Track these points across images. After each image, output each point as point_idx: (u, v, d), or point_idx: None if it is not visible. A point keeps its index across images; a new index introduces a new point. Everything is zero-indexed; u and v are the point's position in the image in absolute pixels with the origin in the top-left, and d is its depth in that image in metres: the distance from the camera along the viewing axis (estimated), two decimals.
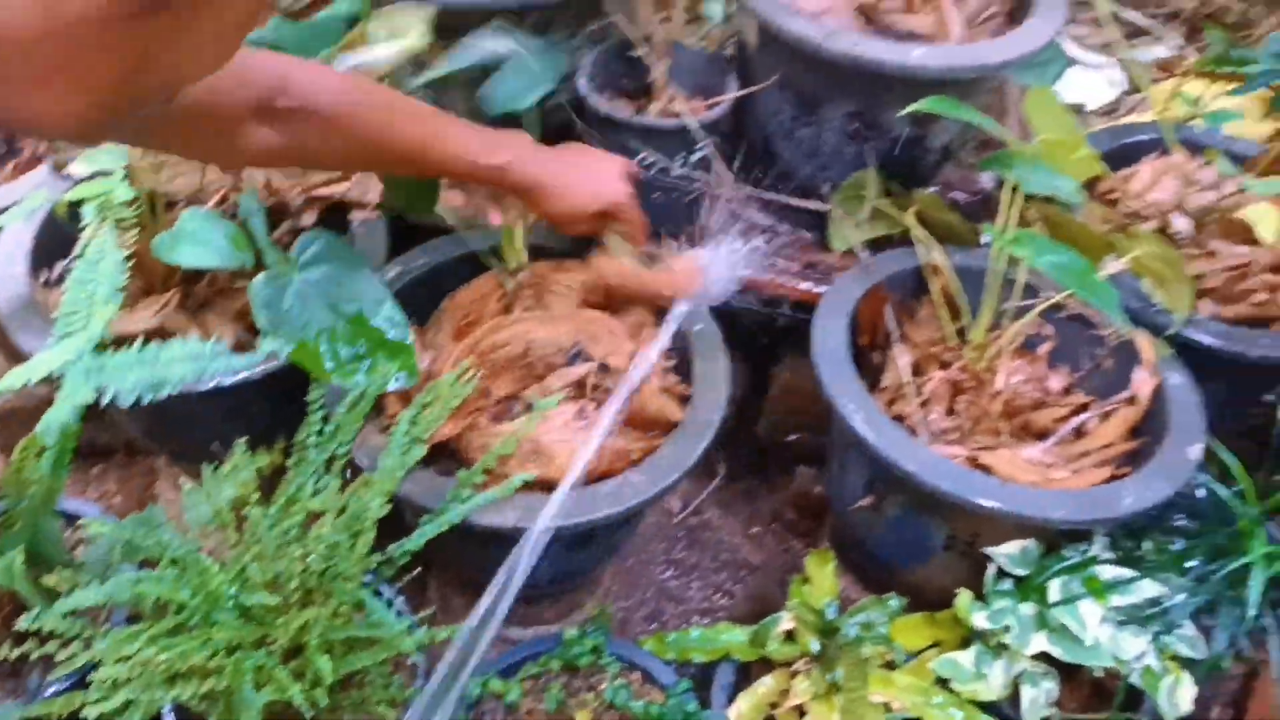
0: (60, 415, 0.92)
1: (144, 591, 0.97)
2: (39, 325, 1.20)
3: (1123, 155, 1.51)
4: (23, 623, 0.98)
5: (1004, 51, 1.25)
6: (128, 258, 1.15)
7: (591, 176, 1.21)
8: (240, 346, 1.21)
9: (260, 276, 1.06)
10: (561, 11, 1.34)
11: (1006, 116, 1.72)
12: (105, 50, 0.50)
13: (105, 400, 0.92)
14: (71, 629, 1.00)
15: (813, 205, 1.36)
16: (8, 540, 1.04)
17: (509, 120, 1.20)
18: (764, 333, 1.68)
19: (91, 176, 1.20)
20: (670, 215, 1.42)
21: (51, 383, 0.98)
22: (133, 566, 1.09)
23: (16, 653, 0.99)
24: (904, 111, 1.19)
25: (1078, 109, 2.17)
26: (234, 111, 0.94)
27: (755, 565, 1.61)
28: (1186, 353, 1.27)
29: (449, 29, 1.33)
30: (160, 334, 1.23)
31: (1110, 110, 2.26)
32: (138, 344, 0.94)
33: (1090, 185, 1.47)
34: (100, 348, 1.02)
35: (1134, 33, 2.95)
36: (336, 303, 1.07)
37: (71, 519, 1.24)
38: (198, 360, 0.93)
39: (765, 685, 1.18)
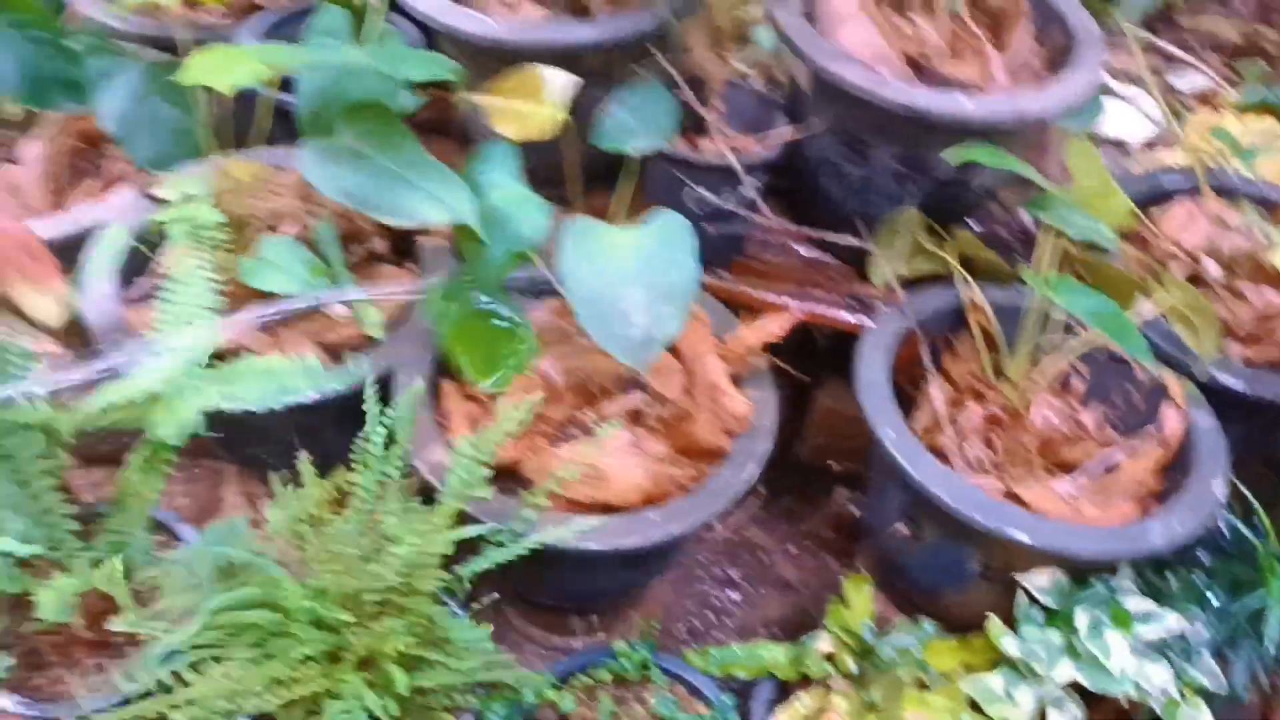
0: (180, 421, 1.00)
1: (226, 621, 1.04)
2: (122, 340, 1.28)
3: (1157, 196, 1.56)
4: (120, 624, 1.06)
5: (1045, 102, 1.31)
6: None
7: None
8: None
9: None
10: (619, 53, 1.41)
11: (1047, 155, 1.77)
12: None
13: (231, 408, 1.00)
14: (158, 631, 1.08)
15: (854, 242, 1.42)
16: (110, 546, 1.12)
17: (615, 159, 1.26)
18: (807, 357, 1.75)
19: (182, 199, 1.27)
20: (722, 247, 1.49)
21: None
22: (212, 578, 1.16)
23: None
24: (952, 160, 1.25)
25: (1119, 144, 2.22)
26: None
27: (792, 582, 1.67)
28: (1213, 393, 1.32)
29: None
30: (239, 350, 1.30)
31: (1150, 144, 2.31)
32: (253, 359, 1.02)
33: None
34: None
35: (1172, 59, 2.98)
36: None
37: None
38: (311, 376, 1.01)
39: (803, 703, 1.25)
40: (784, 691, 1.28)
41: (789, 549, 1.72)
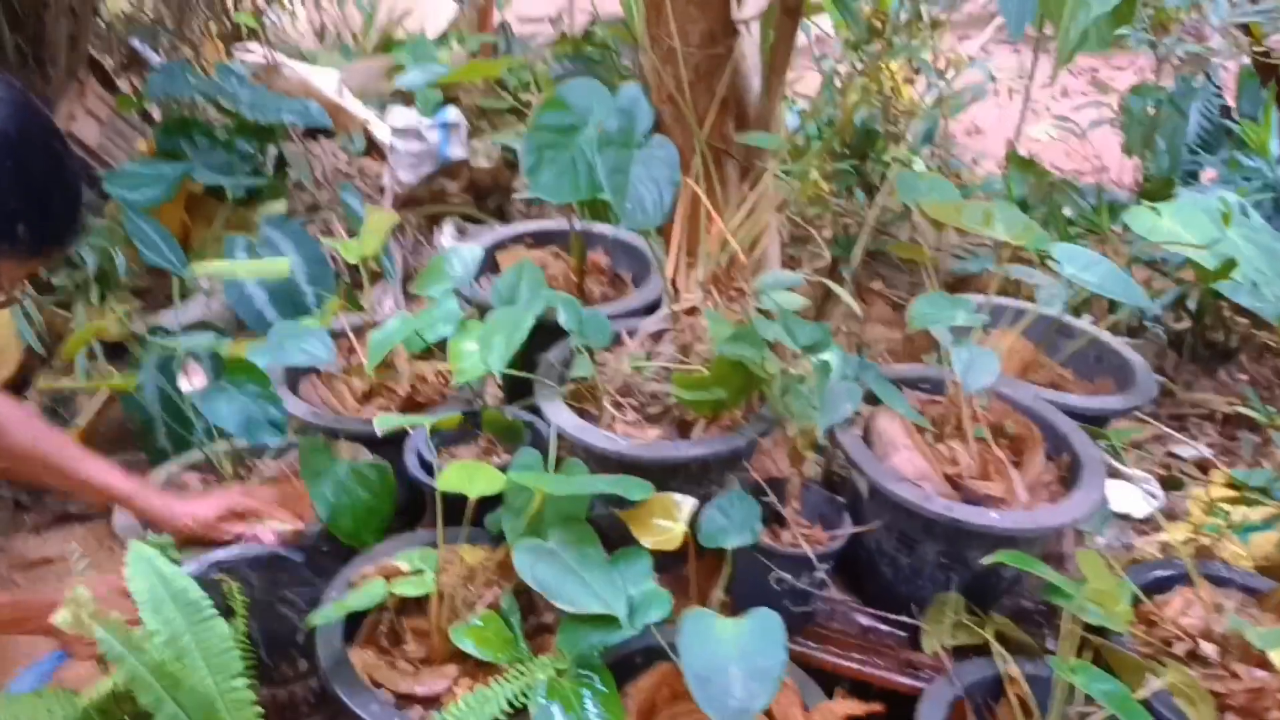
0: None
1: None
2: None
3: (1161, 582, 1.87)
4: None
5: (1058, 517, 1.66)
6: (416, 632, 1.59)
7: (189, 508, 1.80)
8: None
9: None
10: (715, 463, 1.79)
11: (1065, 540, 2.10)
12: None
13: None
14: None
15: (906, 620, 1.74)
16: None
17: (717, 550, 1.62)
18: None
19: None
20: (798, 618, 1.80)
21: None
22: None
23: None
24: (983, 561, 1.59)
25: (1125, 517, 2.55)
26: None
27: None
28: None
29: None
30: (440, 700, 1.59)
31: (1157, 516, 2.64)
32: None
33: (1134, 605, 1.82)
34: None
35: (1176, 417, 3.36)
36: None
37: None
38: None
39: None
40: None
41: None
